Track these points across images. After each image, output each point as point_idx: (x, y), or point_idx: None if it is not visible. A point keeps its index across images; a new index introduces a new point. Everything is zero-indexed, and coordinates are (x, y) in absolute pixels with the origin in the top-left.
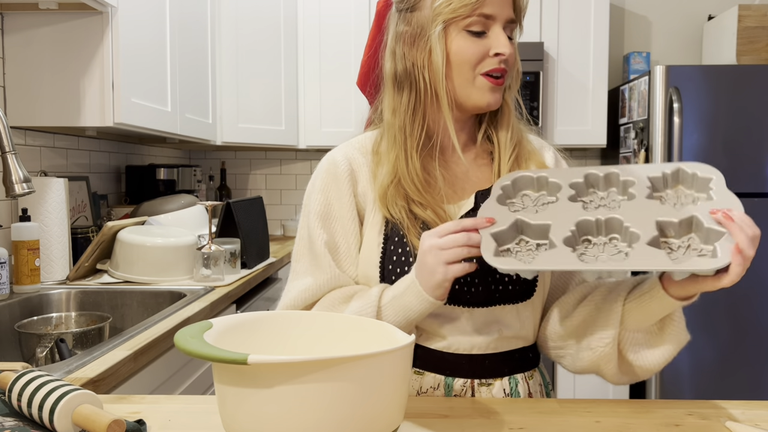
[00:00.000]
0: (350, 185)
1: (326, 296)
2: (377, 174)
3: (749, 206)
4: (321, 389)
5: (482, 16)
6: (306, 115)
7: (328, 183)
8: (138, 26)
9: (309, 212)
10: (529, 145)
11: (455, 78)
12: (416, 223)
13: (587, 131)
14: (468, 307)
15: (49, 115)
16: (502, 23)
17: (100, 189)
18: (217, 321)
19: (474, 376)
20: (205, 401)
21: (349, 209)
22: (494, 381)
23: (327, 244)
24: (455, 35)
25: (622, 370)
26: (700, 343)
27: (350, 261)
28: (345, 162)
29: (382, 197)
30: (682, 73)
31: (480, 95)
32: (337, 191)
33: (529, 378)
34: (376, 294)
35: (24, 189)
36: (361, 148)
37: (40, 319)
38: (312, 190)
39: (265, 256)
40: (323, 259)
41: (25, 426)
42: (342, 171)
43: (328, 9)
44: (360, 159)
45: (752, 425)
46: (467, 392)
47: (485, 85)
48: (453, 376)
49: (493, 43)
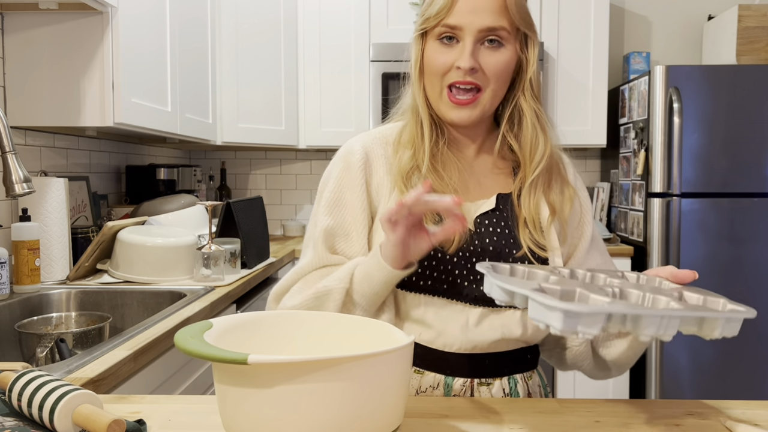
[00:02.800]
0: (363, 175)
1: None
2: (398, 158)
3: (749, 206)
4: (321, 389)
5: (448, 26)
6: (306, 114)
7: (342, 171)
8: (138, 26)
9: (320, 198)
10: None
11: (428, 86)
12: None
13: (587, 131)
14: (473, 305)
15: (49, 115)
16: (473, 34)
17: (100, 189)
18: (217, 321)
19: (474, 375)
20: (205, 401)
21: (360, 198)
22: (494, 381)
23: (328, 231)
24: (429, 43)
25: (597, 366)
26: (700, 343)
27: (360, 247)
28: (361, 152)
29: (402, 179)
30: (682, 73)
31: (446, 110)
32: (349, 180)
33: (528, 378)
34: (353, 264)
35: (24, 189)
36: (382, 138)
37: (40, 319)
38: (327, 177)
39: (265, 256)
40: (318, 246)
41: (25, 426)
42: (357, 160)
43: (328, 9)
44: (378, 150)
45: (752, 425)
46: (467, 392)
47: (448, 103)
48: (453, 375)
49: (458, 54)
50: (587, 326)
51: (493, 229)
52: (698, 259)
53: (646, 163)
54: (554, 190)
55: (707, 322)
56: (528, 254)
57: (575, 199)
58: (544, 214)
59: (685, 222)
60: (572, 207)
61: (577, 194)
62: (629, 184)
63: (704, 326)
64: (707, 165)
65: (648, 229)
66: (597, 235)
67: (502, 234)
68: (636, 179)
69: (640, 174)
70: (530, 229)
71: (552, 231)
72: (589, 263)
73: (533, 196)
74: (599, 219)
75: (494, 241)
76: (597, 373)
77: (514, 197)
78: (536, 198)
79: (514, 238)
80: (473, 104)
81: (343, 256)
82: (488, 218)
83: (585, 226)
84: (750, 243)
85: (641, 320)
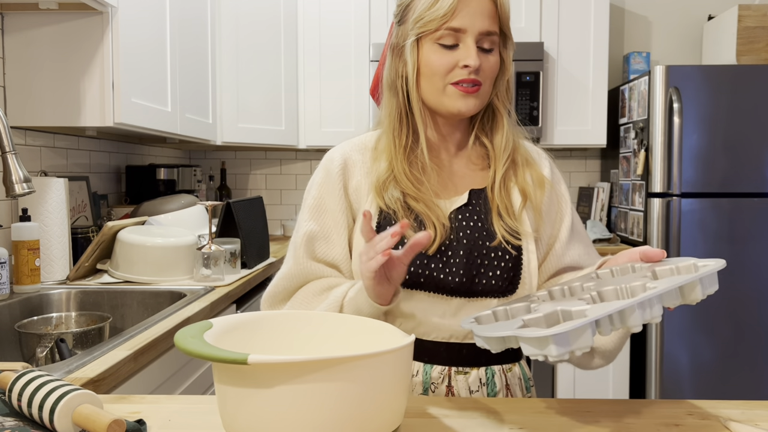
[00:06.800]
0: (341, 181)
1: (303, 288)
2: (375, 168)
3: (749, 206)
4: (321, 389)
5: (451, 29)
6: (306, 114)
7: (323, 179)
8: (138, 26)
9: (304, 205)
10: (527, 155)
11: (426, 87)
12: (410, 215)
13: (587, 131)
14: (449, 296)
15: (49, 115)
16: (474, 35)
17: (100, 189)
18: (217, 321)
19: (451, 363)
20: (205, 401)
21: (339, 203)
22: (471, 370)
23: (310, 235)
24: (428, 47)
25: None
26: (700, 343)
27: (341, 250)
28: (340, 159)
29: (378, 188)
30: (682, 73)
31: (451, 102)
32: (329, 186)
33: (507, 371)
34: (341, 293)
35: (24, 189)
36: (360, 145)
37: (40, 319)
38: (310, 185)
39: (265, 256)
40: (299, 250)
41: (25, 426)
42: (335, 167)
43: (328, 9)
44: (356, 156)
45: (752, 425)
46: (444, 380)
47: (455, 93)
48: (431, 363)
49: (462, 55)
50: (579, 341)
51: (467, 223)
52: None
53: (646, 163)
54: (524, 177)
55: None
56: (503, 242)
57: (547, 187)
58: (516, 201)
59: (685, 222)
60: (543, 193)
61: (551, 185)
62: (629, 184)
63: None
64: (707, 165)
65: (648, 229)
66: (579, 226)
67: (475, 227)
68: (636, 179)
69: (640, 174)
70: (504, 217)
71: (524, 217)
72: (571, 253)
73: (504, 185)
74: (599, 219)
75: (468, 234)
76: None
77: (488, 190)
78: (507, 187)
79: (488, 230)
80: (477, 93)
81: (324, 261)
82: (461, 213)
83: (564, 218)
84: (750, 243)
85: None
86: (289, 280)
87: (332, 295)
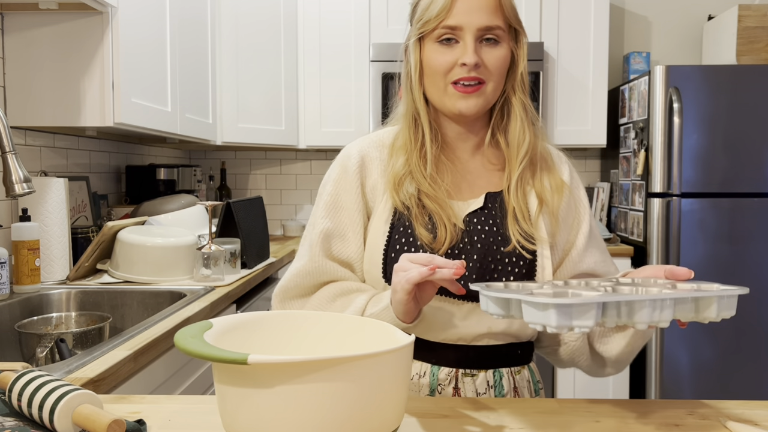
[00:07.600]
0: (359, 178)
1: (320, 291)
2: (391, 164)
3: (749, 206)
4: (321, 389)
5: (448, 27)
6: (306, 114)
7: (340, 175)
8: (138, 26)
9: (319, 201)
10: (547, 156)
11: (430, 87)
12: (424, 213)
13: (587, 131)
14: (461, 299)
15: (49, 115)
16: (472, 32)
17: (100, 189)
18: (217, 321)
19: (458, 365)
20: (205, 401)
21: (356, 200)
22: (479, 372)
23: (325, 233)
24: (428, 47)
25: (595, 362)
26: (700, 343)
27: (356, 248)
28: (357, 156)
29: (394, 184)
30: (682, 73)
31: (452, 103)
32: (346, 183)
33: (516, 373)
34: (361, 305)
35: (24, 189)
36: (378, 142)
37: (40, 319)
38: (326, 181)
39: (265, 256)
40: (314, 248)
41: (25, 426)
42: (353, 164)
43: (328, 8)
44: (374, 153)
45: (752, 425)
46: (452, 381)
47: (455, 94)
48: (438, 364)
49: (460, 53)
50: (582, 319)
51: (482, 227)
52: (698, 259)
53: (646, 163)
54: (542, 182)
55: (702, 302)
56: (517, 247)
57: (565, 193)
58: (532, 205)
59: (685, 222)
60: (561, 198)
61: (570, 190)
62: (629, 184)
63: (700, 307)
64: (707, 165)
65: (648, 229)
66: (596, 233)
67: (490, 231)
68: (636, 179)
69: (640, 174)
70: (519, 221)
71: (540, 223)
72: (587, 261)
73: (521, 188)
74: (599, 219)
75: (482, 239)
76: (595, 370)
77: (504, 193)
78: (524, 190)
79: (503, 234)
80: (478, 92)
81: (338, 259)
82: (476, 216)
83: (581, 224)
84: (750, 243)
85: (635, 306)
86: (303, 277)
87: (351, 307)
